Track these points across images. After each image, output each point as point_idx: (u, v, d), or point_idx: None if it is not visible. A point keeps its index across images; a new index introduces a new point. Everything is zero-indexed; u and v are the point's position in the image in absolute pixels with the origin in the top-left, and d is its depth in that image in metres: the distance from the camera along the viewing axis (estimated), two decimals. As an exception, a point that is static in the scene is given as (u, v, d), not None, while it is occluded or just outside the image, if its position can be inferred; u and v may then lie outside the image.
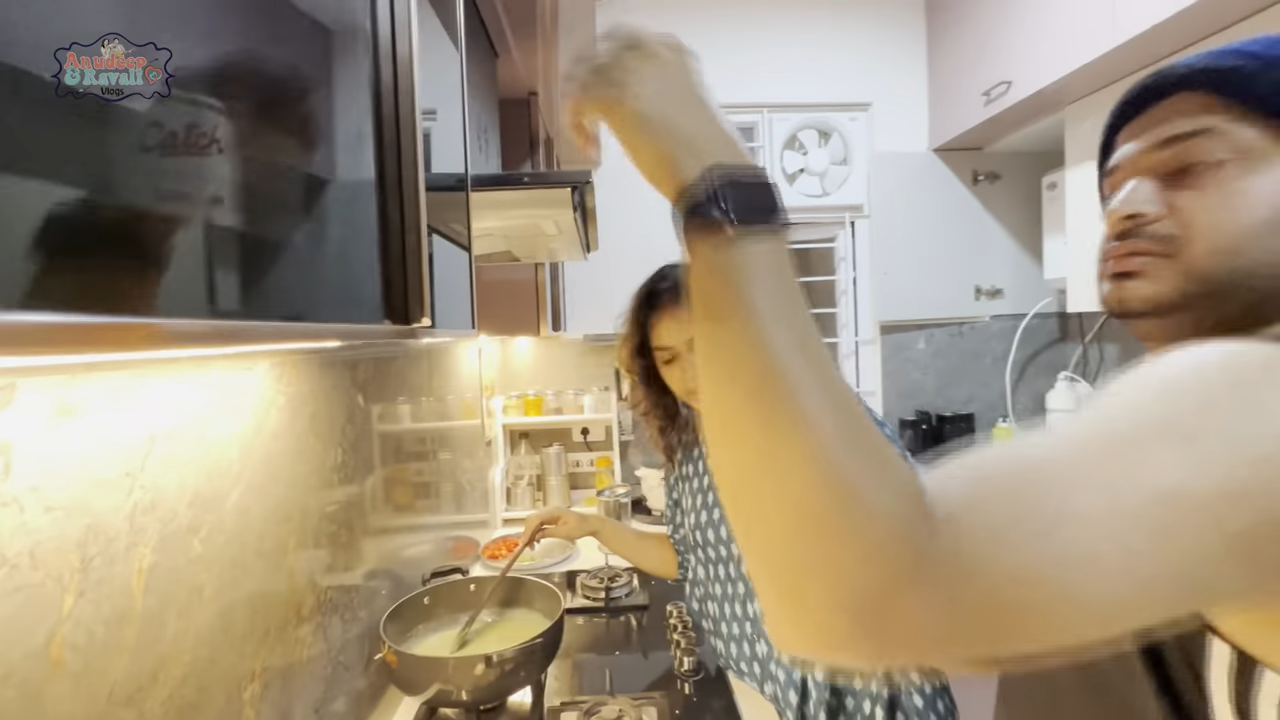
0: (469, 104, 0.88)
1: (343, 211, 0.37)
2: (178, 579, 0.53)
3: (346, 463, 0.90)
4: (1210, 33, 1.43)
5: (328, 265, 0.35)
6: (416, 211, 0.40)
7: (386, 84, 0.40)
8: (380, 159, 0.39)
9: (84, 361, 0.43)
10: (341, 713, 0.86)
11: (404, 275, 0.39)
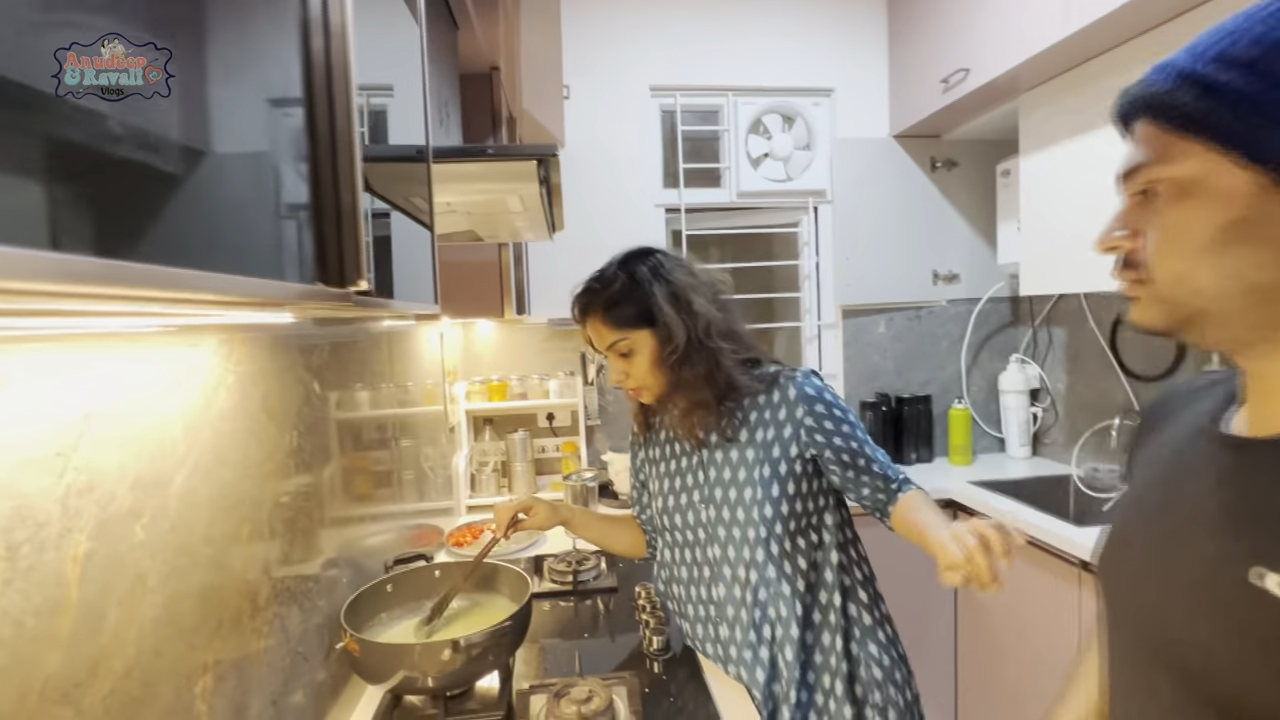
0: (429, 76, 0.84)
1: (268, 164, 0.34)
2: (118, 567, 0.50)
3: (303, 447, 0.86)
4: (1161, 21, 1.48)
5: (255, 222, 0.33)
6: (351, 166, 0.37)
7: (314, 18, 0.37)
8: (310, 108, 0.36)
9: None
10: (302, 705, 0.83)
11: (339, 235, 0.37)
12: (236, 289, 0.27)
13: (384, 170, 0.69)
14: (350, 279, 0.37)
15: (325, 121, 0.38)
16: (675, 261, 0.99)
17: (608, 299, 0.96)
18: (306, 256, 0.36)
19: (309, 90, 0.37)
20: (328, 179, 0.37)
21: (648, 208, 2.32)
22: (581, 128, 2.24)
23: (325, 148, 0.37)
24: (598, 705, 0.89)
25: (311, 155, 0.37)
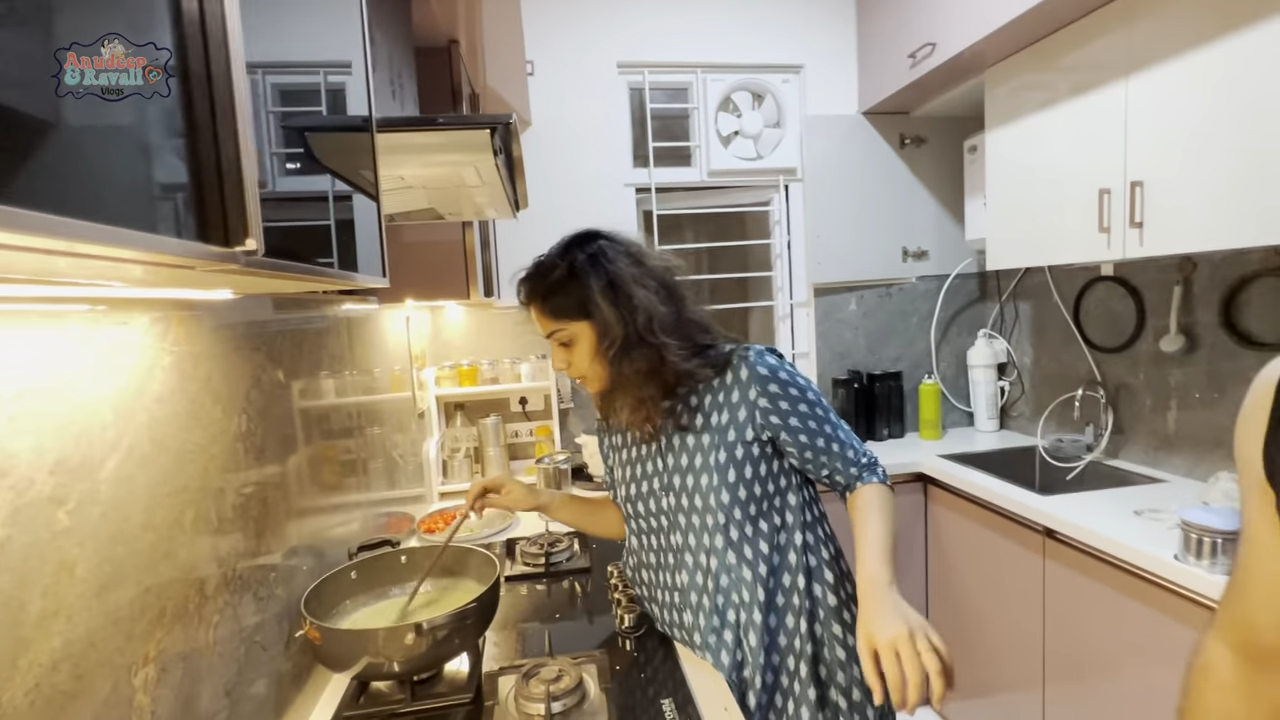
0: (373, 44, 0.81)
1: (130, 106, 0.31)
2: (39, 555, 0.47)
3: (254, 431, 0.83)
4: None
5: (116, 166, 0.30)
6: (232, 115, 0.35)
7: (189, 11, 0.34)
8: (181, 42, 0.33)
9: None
10: (261, 695, 0.80)
11: (221, 189, 0.34)
12: (97, 236, 0.25)
13: (328, 142, 0.66)
14: (237, 238, 0.34)
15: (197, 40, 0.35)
16: (620, 248, 0.95)
17: (546, 288, 0.93)
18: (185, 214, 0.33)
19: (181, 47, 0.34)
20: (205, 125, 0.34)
21: (617, 187, 2.28)
22: (548, 106, 2.19)
23: (199, 79, 0.34)
24: (567, 684, 0.89)
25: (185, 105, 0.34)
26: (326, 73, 0.68)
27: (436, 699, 0.91)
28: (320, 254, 0.55)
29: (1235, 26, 1.27)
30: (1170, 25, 1.39)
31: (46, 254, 0.27)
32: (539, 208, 2.02)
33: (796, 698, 0.92)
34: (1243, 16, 1.25)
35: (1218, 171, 1.32)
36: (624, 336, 0.91)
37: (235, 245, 0.36)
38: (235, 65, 0.36)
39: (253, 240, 0.37)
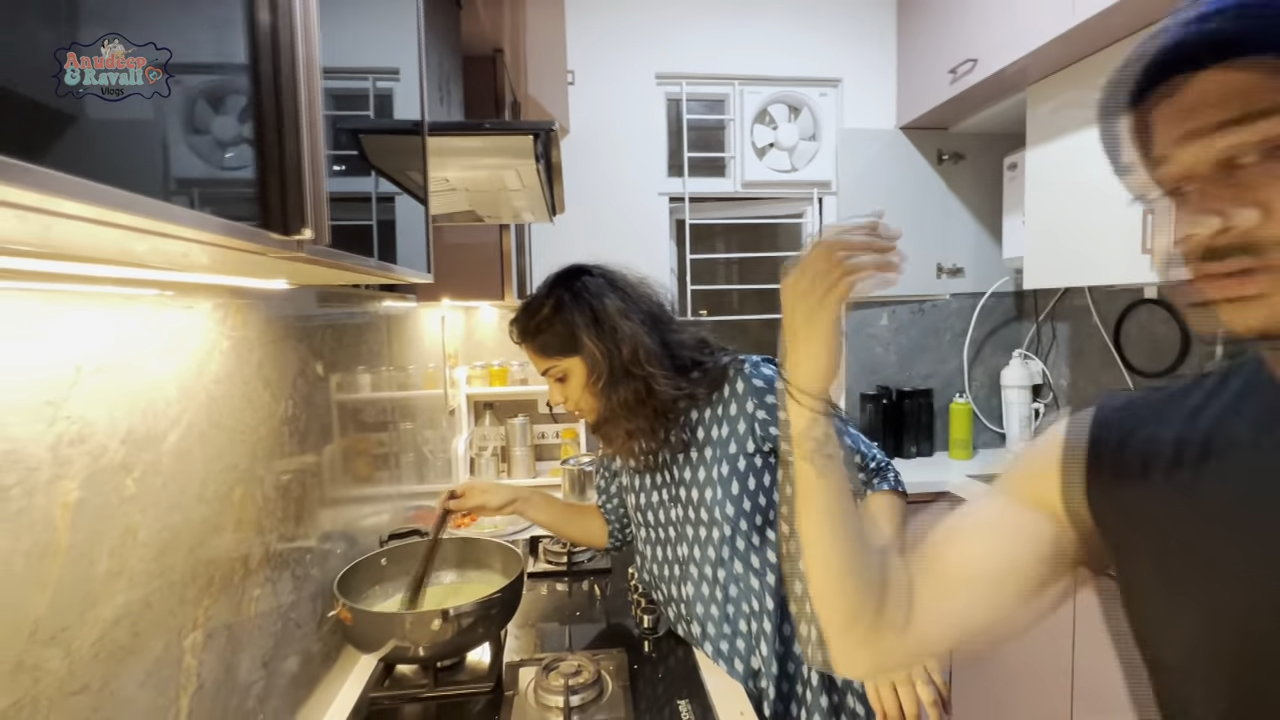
0: (426, 53, 0.85)
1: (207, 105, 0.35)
2: (109, 517, 0.51)
3: (298, 416, 0.87)
4: (1165, 13, 1.46)
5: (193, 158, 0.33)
6: (295, 110, 0.38)
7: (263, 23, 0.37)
8: (254, 44, 0.37)
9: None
10: (294, 670, 0.84)
11: (283, 180, 0.37)
12: (168, 215, 0.28)
13: (381, 144, 0.70)
14: (295, 227, 0.37)
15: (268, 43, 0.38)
16: (606, 282, 0.96)
17: (534, 327, 0.95)
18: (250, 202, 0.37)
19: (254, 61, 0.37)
20: (271, 120, 0.38)
21: (651, 196, 2.31)
22: (586, 115, 2.24)
23: (267, 76, 0.37)
24: (585, 678, 0.90)
25: (255, 104, 0.37)
26: (375, 79, 0.72)
27: (458, 686, 0.93)
28: (371, 248, 0.58)
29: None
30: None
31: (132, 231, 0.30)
32: (574, 213, 2.06)
33: (809, 705, 0.92)
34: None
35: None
36: (610, 370, 0.92)
37: (294, 233, 0.39)
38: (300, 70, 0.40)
39: (309, 230, 0.40)
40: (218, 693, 0.65)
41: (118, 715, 0.51)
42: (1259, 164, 0.35)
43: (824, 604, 0.56)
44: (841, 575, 0.55)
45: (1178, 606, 0.44)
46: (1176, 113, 0.38)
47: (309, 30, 0.41)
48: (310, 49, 0.41)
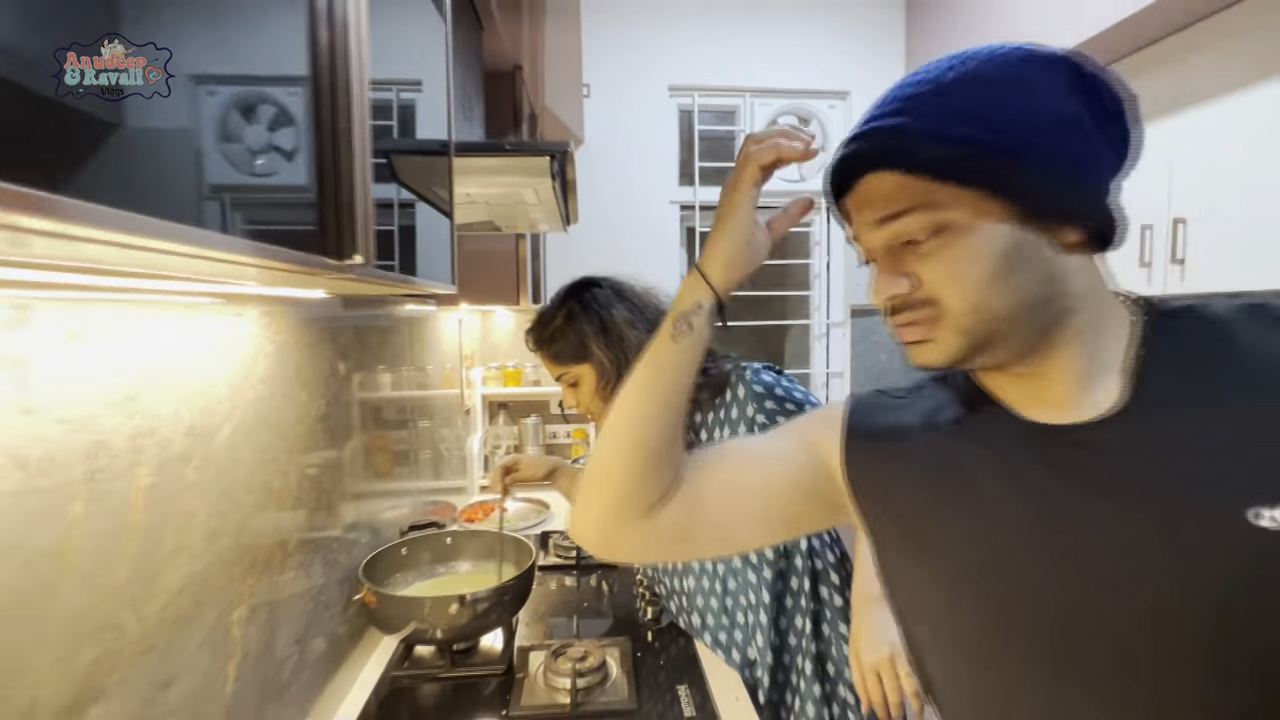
0: (453, 73, 0.91)
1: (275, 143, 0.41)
2: (173, 501, 0.58)
3: (330, 415, 0.94)
4: (1166, 34, 1.50)
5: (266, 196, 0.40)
6: (352, 162, 0.44)
7: (323, 42, 0.43)
8: (317, 109, 0.43)
9: (86, 286, 0.47)
10: (323, 648, 0.91)
11: (337, 211, 0.44)
12: (249, 250, 0.34)
13: (409, 162, 0.76)
14: (348, 253, 0.44)
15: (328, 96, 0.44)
16: (614, 293, 1.03)
17: (548, 336, 1.02)
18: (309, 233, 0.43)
19: (315, 88, 0.44)
20: (329, 164, 0.44)
21: (662, 204, 2.38)
22: (601, 125, 2.30)
23: (328, 140, 0.44)
24: (592, 663, 0.96)
25: (317, 143, 0.44)
26: (399, 90, 0.78)
27: (473, 668, 1.00)
28: (411, 265, 0.65)
29: (1278, 71, 1.28)
30: (1217, 67, 1.40)
31: (211, 261, 0.37)
32: (587, 221, 2.13)
33: (802, 694, 0.97)
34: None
35: (1260, 212, 1.32)
36: (618, 376, 0.98)
37: (347, 258, 0.46)
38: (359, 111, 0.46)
39: (359, 255, 0.46)
40: (258, 663, 0.72)
41: (180, 674, 0.58)
42: (906, 247, 0.46)
43: (606, 474, 0.57)
44: (637, 446, 0.55)
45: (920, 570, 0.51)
46: (855, 207, 0.49)
47: (362, 54, 0.47)
48: (363, 73, 0.47)
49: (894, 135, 0.45)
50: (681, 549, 0.60)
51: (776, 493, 0.57)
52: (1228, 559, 0.38)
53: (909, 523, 0.52)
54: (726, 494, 0.58)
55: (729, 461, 0.60)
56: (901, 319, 0.47)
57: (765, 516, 0.58)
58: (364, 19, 0.47)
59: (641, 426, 0.56)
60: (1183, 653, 0.40)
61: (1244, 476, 0.39)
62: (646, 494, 0.56)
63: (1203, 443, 0.41)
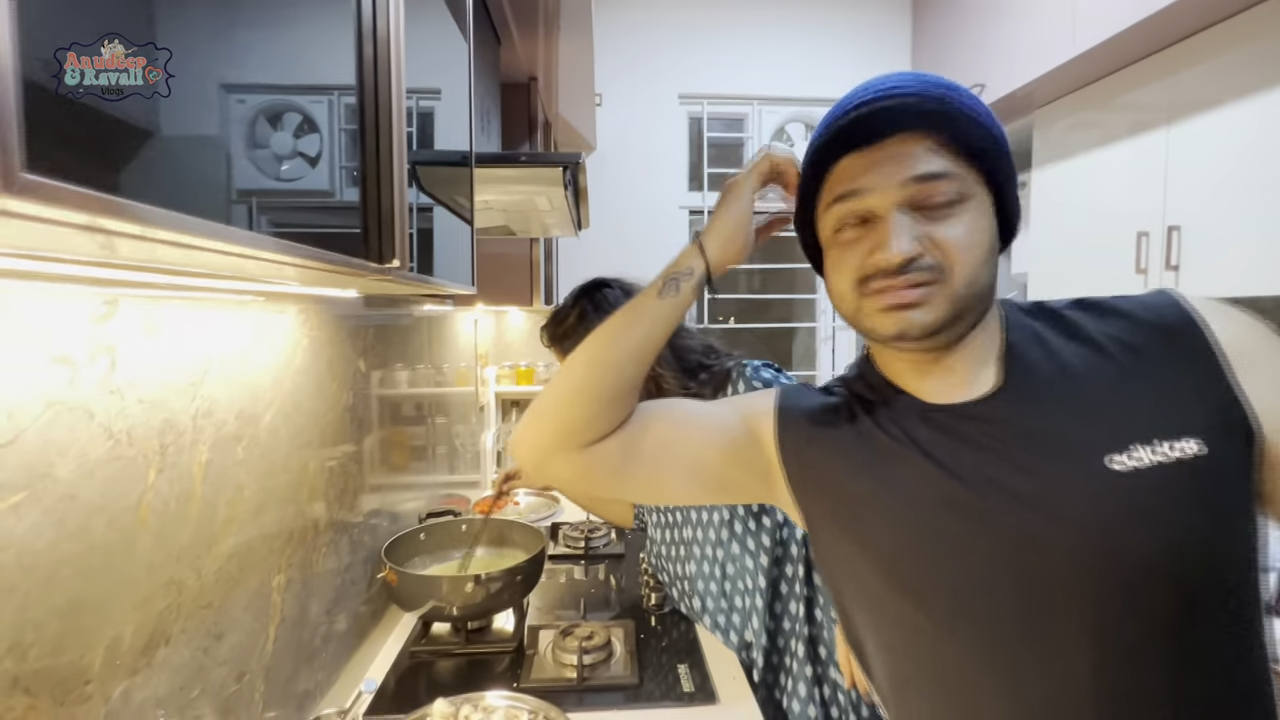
0: (474, 88, 0.98)
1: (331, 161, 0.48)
2: (226, 475, 0.65)
3: (356, 405, 1.02)
4: (1166, 44, 1.55)
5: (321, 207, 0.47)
6: (391, 169, 0.51)
7: (368, 57, 0.50)
8: (362, 122, 0.50)
9: (166, 285, 0.54)
10: (349, 621, 0.98)
11: (379, 220, 0.50)
12: (309, 255, 0.41)
13: (432, 172, 0.83)
14: (388, 258, 0.50)
15: (371, 121, 0.51)
16: (623, 293, 1.09)
17: (562, 332, 1.09)
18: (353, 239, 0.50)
19: (360, 100, 0.50)
20: (373, 177, 0.51)
21: (672, 209, 2.44)
22: (613, 132, 2.38)
23: (371, 154, 0.51)
24: (598, 641, 1.03)
25: (361, 157, 0.51)
26: (419, 98, 0.85)
27: (486, 645, 1.07)
28: (429, 266, 0.72)
29: (1271, 83, 1.31)
30: (1210, 78, 1.44)
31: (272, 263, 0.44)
32: (599, 224, 2.20)
33: (795, 675, 1.03)
34: (1271, 76, 1.30)
35: (1253, 220, 1.36)
36: (662, 357, 1.05)
37: (386, 263, 0.53)
38: (400, 134, 0.53)
39: (397, 260, 0.53)
40: (294, 628, 0.80)
41: (229, 630, 0.65)
42: (918, 211, 0.49)
43: (555, 407, 0.59)
44: (590, 389, 0.58)
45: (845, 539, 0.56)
46: (874, 161, 0.50)
47: (401, 71, 0.53)
48: (401, 90, 0.53)
49: (941, 105, 0.48)
50: (611, 486, 0.62)
51: (709, 456, 0.60)
52: (1096, 497, 0.45)
53: (834, 496, 0.57)
54: (663, 447, 0.61)
55: (672, 417, 0.62)
56: (908, 279, 0.48)
57: (695, 475, 0.61)
58: (402, 38, 0.54)
59: (600, 371, 0.58)
60: (1068, 582, 0.45)
61: (1099, 433, 0.46)
62: (588, 434, 0.59)
63: (1064, 409, 0.48)
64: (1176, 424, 0.45)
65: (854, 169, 0.50)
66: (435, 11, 0.81)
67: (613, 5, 2.33)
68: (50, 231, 0.23)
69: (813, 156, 0.54)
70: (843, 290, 0.53)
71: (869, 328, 0.52)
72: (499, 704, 0.85)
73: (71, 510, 0.46)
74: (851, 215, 0.51)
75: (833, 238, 0.54)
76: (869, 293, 0.51)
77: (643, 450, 0.61)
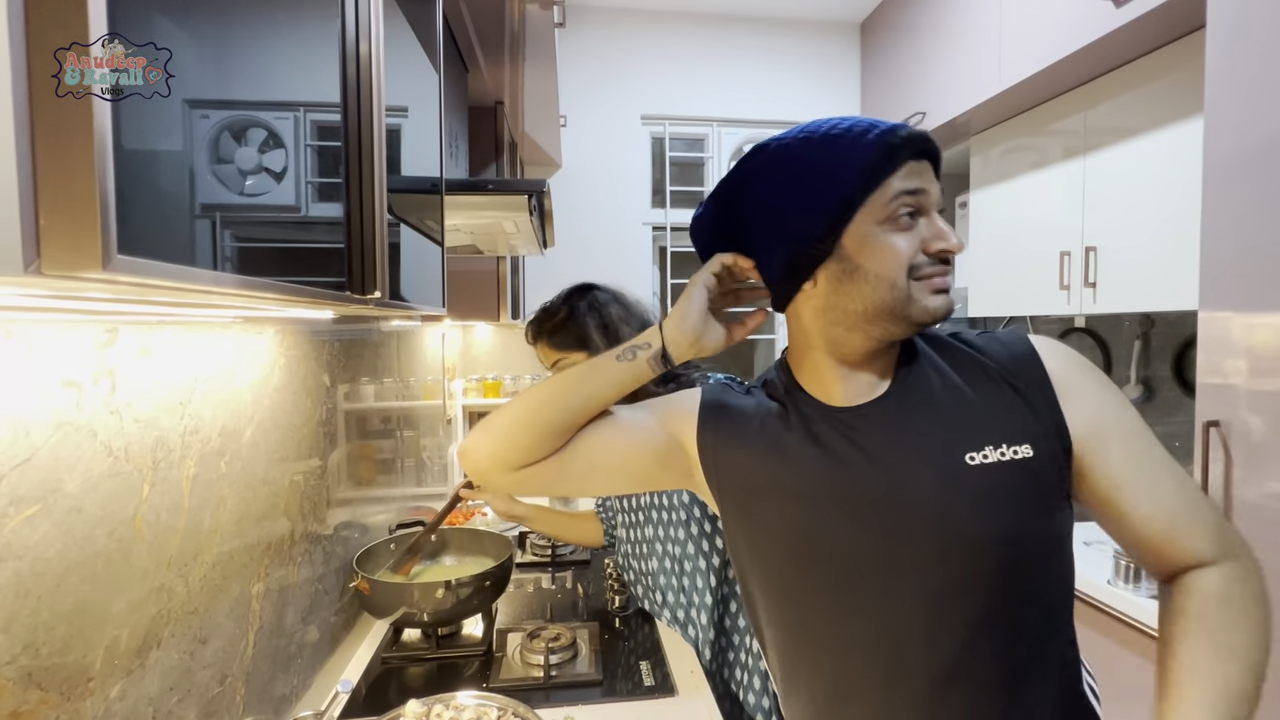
0: (444, 116, 1.04)
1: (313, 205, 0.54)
2: (210, 489, 0.69)
3: (329, 420, 1.06)
4: (1081, 81, 1.70)
5: (309, 246, 0.52)
6: (373, 208, 0.56)
7: (351, 89, 0.55)
8: (346, 164, 0.55)
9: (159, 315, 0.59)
10: (323, 629, 1.01)
11: (362, 255, 0.56)
12: (299, 293, 0.47)
13: (405, 198, 0.89)
14: (369, 289, 0.56)
15: (355, 161, 0.56)
16: (610, 296, 1.17)
17: (552, 327, 1.15)
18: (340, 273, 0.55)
19: (345, 125, 0.55)
20: (356, 213, 0.56)
21: (636, 226, 2.52)
22: (577, 152, 2.45)
23: (355, 185, 0.56)
24: (564, 642, 1.08)
25: (345, 188, 0.56)
26: (388, 115, 0.89)
27: (457, 649, 1.11)
28: (397, 284, 0.77)
29: (1177, 116, 1.47)
30: (1120, 112, 1.60)
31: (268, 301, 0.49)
32: (565, 241, 2.27)
33: (749, 670, 1.10)
34: (1179, 111, 1.45)
35: (1162, 242, 1.50)
36: None
37: (369, 294, 0.58)
38: (378, 174, 0.59)
39: (379, 291, 0.59)
40: (272, 635, 0.83)
41: (213, 635, 0.69)
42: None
43: (499, 435, 0.67)
44: (532, 430, 0.66)
45: (751, 524, 0.65)
46: (923, 168, 0.59)
47: (380, 100, 0.58)
48: (380, 115, 0.58)
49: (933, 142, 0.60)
50: (544, 494, 0.72)
51: (635, 463, 0.69)
52: (954, 487, 0.56)
53: (742, 486, 0.65)
54: (594, 457, 0.69)
55: (600, 439, 0.69)
56: (947, 268, 0.59)
57: (621, 480, 0.71)
58: (383, 64, 0.58)
59: (550, 411, 0.66)
60: (930, 561, 0.56)
61: (959, 435, 0.58)
62: (524, 460, 0.67)
63: (934, 416, 0.59)
64: (1019, 433, 0.57)
65: (917, 170, 0.59)
66: (406, 44, 0.86)
67: (577, 30, 2.41)
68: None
69: (881, 160, 0.58)
70: (893, 277, 0.58)
71: (919, 309, 0.58)
72: (469, 703, 0.89)
73: (77, 522, 0.50)
74: (915, 206, 0.58)
75: (883, 225, 0.58)
76: (920, 277, 0.58)
77: (572, 470, 0.68)
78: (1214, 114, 1.14)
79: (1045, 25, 1.61)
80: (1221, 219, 1.13)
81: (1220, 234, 1.14)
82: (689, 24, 2.49)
